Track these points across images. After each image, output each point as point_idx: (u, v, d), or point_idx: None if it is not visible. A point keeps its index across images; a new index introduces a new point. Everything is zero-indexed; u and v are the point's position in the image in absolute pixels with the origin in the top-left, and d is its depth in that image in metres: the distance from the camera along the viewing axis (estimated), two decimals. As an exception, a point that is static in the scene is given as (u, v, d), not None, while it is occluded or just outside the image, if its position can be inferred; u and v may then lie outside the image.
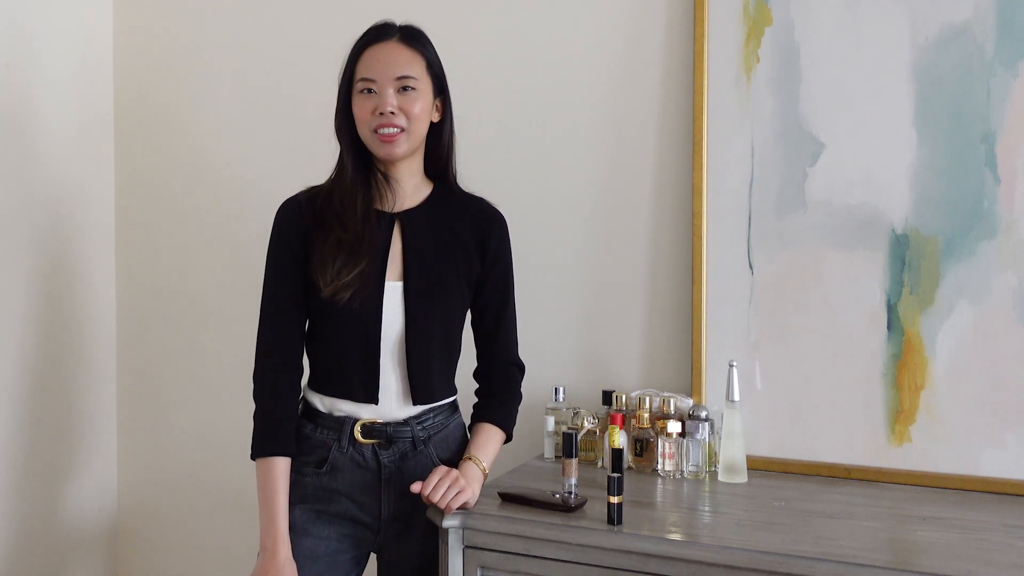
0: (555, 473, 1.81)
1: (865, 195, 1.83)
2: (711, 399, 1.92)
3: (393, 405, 1.61)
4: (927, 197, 1.79)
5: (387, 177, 1.63)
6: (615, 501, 1.49)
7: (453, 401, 1.71)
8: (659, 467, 1.82)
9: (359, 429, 1.60)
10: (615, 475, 1.51)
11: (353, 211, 1.58)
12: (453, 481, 1.53)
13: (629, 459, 1.86)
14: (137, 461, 2.57)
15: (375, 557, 1.70)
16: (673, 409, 1.87)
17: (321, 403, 1.63)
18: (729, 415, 1.77)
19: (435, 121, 1.64)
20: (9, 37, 2.26)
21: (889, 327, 1.81)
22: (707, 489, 1.74)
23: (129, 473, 2.58)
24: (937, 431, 1.77)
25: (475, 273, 1.67)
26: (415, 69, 1.59)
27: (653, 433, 1.84)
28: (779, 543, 1.41)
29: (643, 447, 1.85)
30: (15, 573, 2.28)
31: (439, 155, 1.69)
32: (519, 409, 1.74)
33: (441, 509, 1.53)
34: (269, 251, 1.64)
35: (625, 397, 1.90)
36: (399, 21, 1.63)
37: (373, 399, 1.59)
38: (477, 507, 1.56)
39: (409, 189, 1.65)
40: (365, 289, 1.56)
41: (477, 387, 1.73)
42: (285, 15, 2.40)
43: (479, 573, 1.54)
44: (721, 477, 1.79)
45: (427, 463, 1.62)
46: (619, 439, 1.68)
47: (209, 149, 2.48)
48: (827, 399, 1.85)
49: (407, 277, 1.60)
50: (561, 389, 1.99)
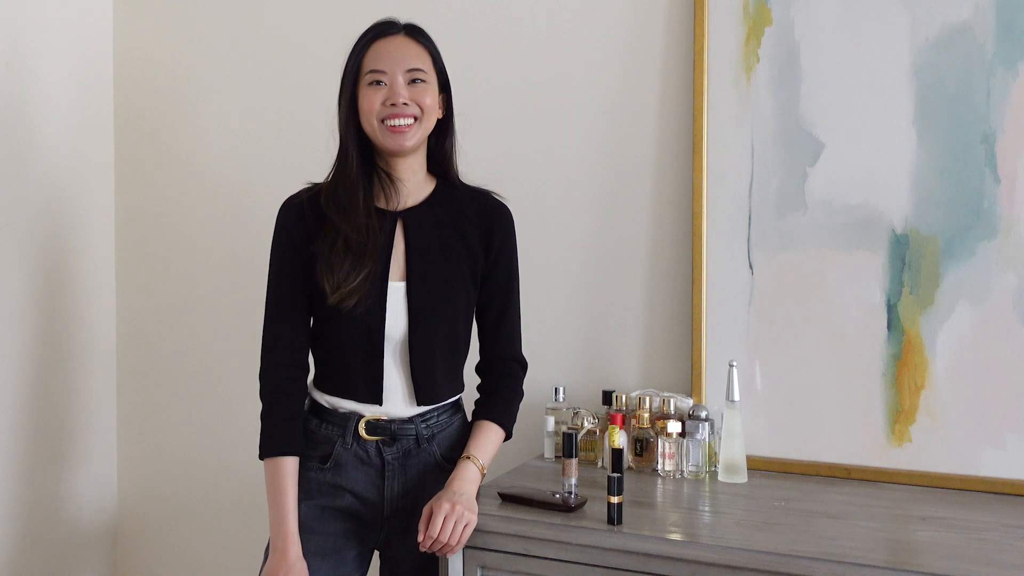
0: (555, 473, 1.81)
1: (865, 195, 1.83)
2: (711, 399, 1.91)
3: (398, 405, 1.61)
4: (927, 197, 1.79)
5: (389, 175, 1.63)
6: (615, 501, 1.49)
7: (458, 399, 1.71)
8: (659, 467, 1.82)
9: (363, 426, 1.60)
10: (615, 475, 1.51)
11: (357, 206, 1.58)
12: (458, 517, 1.48)
13: (629, 459, 1.86)
14: (137, 461, 2.57)
15: (377, 555, 1.71)
16: (673, 409, 1.87)
17: (326, 401, 1.63)
18: (729, 415, 1.77)
19: (438, 118, 1.65)
20: (9, 37, 2.26)
21: (889, 327, 1.81)
22: (707, 489, 1.74)
23: (129, 473, 2.58)
24: (937, 431, 1.77)
25: (480, 268, 1.66)
26: (424, 63, 1.60)
27: (653, 433, 1.84)
28: (779, 543, 1.41)
29: (643, 447, 1.85)
30: (15, 573, 2.28)
31: (442, 152, 1.69)
32: (520, 407, 1.73)
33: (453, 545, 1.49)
34: (272, 251, 1.64)
35: (625, 397, 1.90)
36: (402, 20, 1.64)
37: (377, 400, 1.59)
38: (477, 507, 1.56)
39: (412, 187, 1.65)
40: (369, 293, 1.56)
41: (478, 382, 1.73)
42: (285, 14, 2.40)
43: (479, 573, 1.54)
44: (721, 477, 1.79)
45: (430, 461, 1.63)
46: (619, 439, 1.68)
47: (209, 149, 2.48)
48: (827, 399, 1.85)
49: (410, 278, 1.60)
50: (561, 389, 1.99)
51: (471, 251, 1.65)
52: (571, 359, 2.11)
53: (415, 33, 1.63)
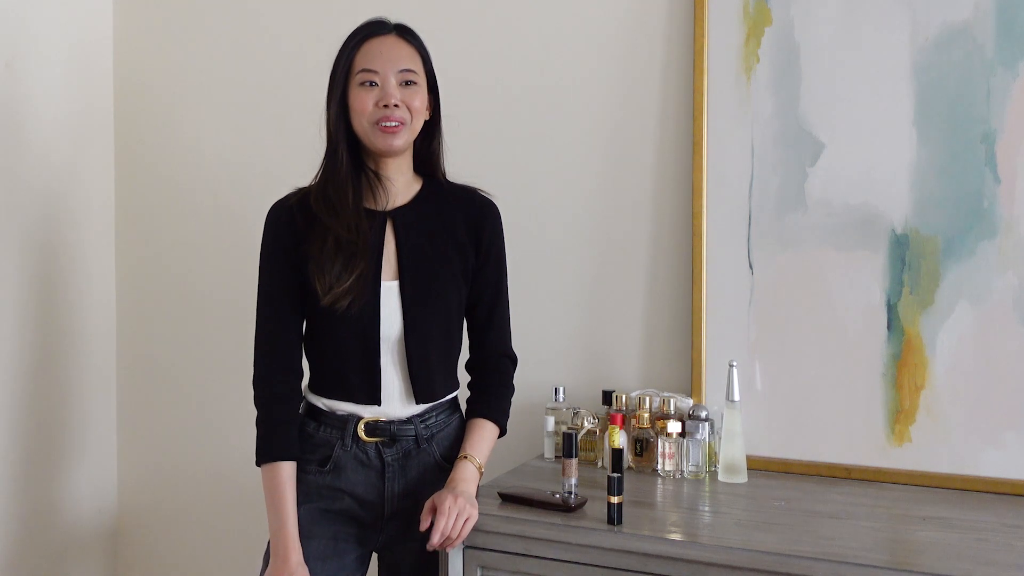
0: (555, 473, 1.81)
1: (865, 195, 1.83)
2: (711, 399, 1.91)
3: (396, 405, 1.61)
4: (927, 197, 1.79)
5: (378, 175, 1.63)
6: (615, 501, 1.49)
7: (454, 398, 1.70)
8: (659, 467, 1.82)
9: (362, 427, 1.60)
10: (615, 475, 1.51)
11: (347, 205, 1.57)
12: (460, 510, 1.49)
13: (629, 459, 1.86)
14: (137, 461, 2.57)
15: (376, 557, 1.70)
16: (673, 409, 1.87)
17: (323, 404, 1.63)
18: (729, 415, 1.77)
19: (425, 119, 1.64)
20: (9, 36, 2.26)
21: (889, 327, 1.81)
22: (707, 489, 1.74)
23: (129, 473, 2.58)
24: (937, 431, 1.77)
25: (470, 265, 1.66)
26: (415, 64, 1.60)
27: (653, 433, 1.84)
28: (779, 543, 1.41)
29: (643, 447, 1.85)
30: (15, 573, 2.28)
31: (429, 153, 1.68)
32: (517, 407, 1.73)
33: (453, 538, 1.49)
34: (262, 256, 1.64)
35: (625, 397, 1.90)
36: (393, 20, 1.63)
37: (375, 401, 1.59)
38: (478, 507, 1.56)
39: (400, 187, 1.65)
40: (362, 293, 1.56)
41: (470, 380, 1.72)
42: (285, 13, 2.40)
43: (479, 573, 1.54)
44: (721, 477, 1.79)
45: (430, 461, 1.62)
46: (619, 439, 1.68)
47: (209, 147, 2.48)
48: (827, 399, 1.85)
49: (402, 277, 1.60)
50: (561, 389, 1.99)
51: (461, 248, 1.65)
52: (571, 359, 2.11)
53: (406, 33, 1.62)
